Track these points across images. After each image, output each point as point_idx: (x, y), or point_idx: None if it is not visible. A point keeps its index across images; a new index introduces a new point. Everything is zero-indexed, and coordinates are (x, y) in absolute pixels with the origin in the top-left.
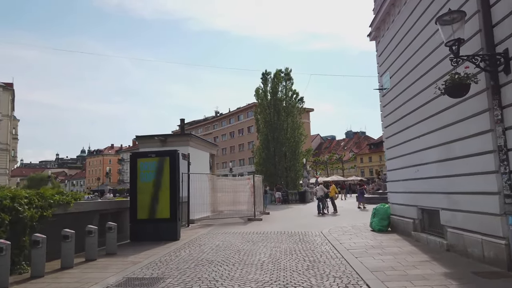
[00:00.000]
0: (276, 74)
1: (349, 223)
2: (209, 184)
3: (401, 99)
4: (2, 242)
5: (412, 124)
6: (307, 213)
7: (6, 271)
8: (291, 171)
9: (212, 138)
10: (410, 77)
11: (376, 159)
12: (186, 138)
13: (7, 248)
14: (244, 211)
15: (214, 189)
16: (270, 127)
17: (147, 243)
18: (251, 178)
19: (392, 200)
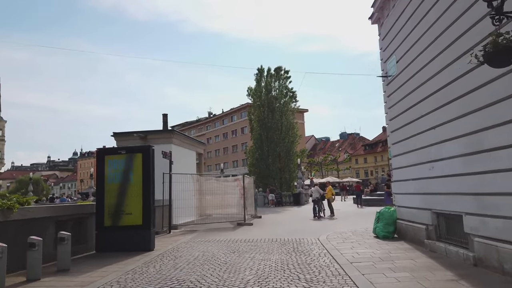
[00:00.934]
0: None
1: (349, 228)
2: (196, 186)
3: (411, 84)
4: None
5: (425, 113)
6: (302, 217)
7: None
8: (285, 172)
9: (205, 139)
10: (423, 57)
11: (371, 160)
12: (169, 134)
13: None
14: (234, 214)
15: (201, 191)
16: (264, 126)
17: (114, 255)
18: (240, 179)
19: (399, 202)
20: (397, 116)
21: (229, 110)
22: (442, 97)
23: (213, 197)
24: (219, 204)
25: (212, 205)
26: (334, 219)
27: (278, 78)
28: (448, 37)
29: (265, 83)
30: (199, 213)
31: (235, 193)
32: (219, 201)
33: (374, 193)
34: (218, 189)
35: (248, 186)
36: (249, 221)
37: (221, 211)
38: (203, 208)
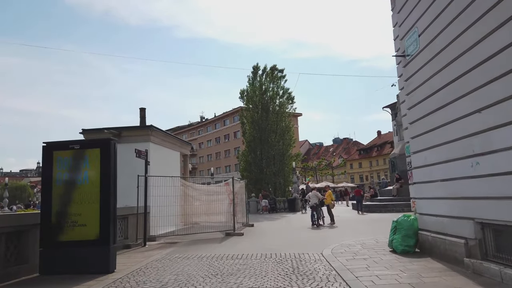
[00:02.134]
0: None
1: (355, 239)
2: (180, 191)
3: (441, 60)
4: None
5: (464, 94)
6: (299, 225)
7: None
8: (279, 176)
9: (197, 144)
10: (458, 23)
11: (366, 165)
12: (146, 131)
13: None
14: (222, 223)
15: (186, 196)
16: (258, 128)
17: (61, 280)
18: (230, 183)
19: (422, 209)
20: (419, 102)
21: (222, 114)
22: (492, 69)
23: (200, 203)
24: (206, 212)
25: (199, 212)
26: (335, 228)
27: (272, 78)
28: None
29: (259, 82)
30: (184, 221)
31: (223, 199)
32: (205, 208)
33: (375, 198)
34: (205, 195)
35: (239, 191)
36: (239, 230)
37: (209, 219)
38: (188, 216)
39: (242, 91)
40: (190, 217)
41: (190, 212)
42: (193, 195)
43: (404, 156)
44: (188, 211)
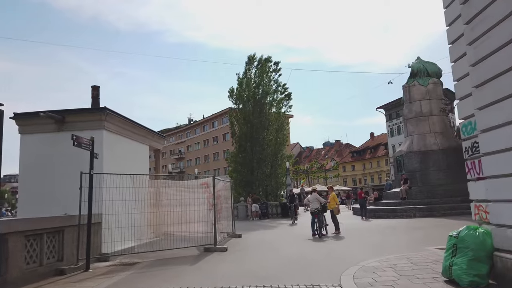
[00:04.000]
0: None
1: (378, 258)
2: (151, 193)
3: None
4: None
5: None
6: (296, 234)
7: None
8: (271, 178)
9: (185, 147)
10: None
11: (360, 167)
12: (98, 115)
13: None
14: (200, 234)
15: (158, 200)
16: (249, 124)
17: None
18: (209, 183)
19: (502, 218)
20: (496, 50)
21: (210, 116)
22: None
23: (172, 209)
24: (180, 220)
25: (172, 220)
26: (342, 239)
27: (265, 70)
28: None
29: (253, 74)
30: (155, 232)
31: (202, 203)
32: (178, 216)
33: (379, 202)
34: (178, 198)
35: (223, 194)
36: (223, 244)
37: (186, 229)
38: (160, 225)
39: (231, 89)
40: (163, 226)
41: (163, 220)
42: (166, 199)
43: (413, 154)
44: (161, 220)
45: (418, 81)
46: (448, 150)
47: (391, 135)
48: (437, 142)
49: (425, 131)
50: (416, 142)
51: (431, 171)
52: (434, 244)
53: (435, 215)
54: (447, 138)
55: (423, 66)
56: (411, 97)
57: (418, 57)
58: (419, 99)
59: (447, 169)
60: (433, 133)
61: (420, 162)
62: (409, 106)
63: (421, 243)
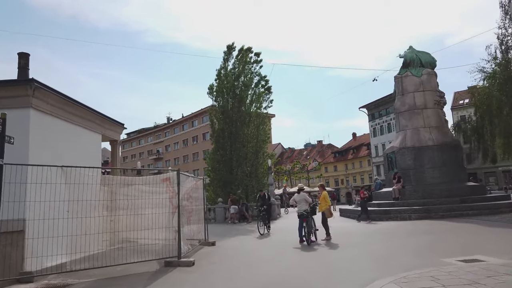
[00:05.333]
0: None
1: (394, 277)
2: (104, 192)
3: None
4: None
5: None
6: (280, 241)
7: None
8: (252, 178)
9: (163, 147)
10: None
11: (342, 168)
12: (24, 90)
13: None
14: (162, 242)
15: (113, 201)
16: (229, 119)
17: None
18: (171, 180)
19: None
20: None
21: (190, 115)
22: None
23: (129, 212)
24: (137, 226)
25: (128, 227)
26: (336, 247)
27: (246, 61)
28: None
29: (232, 65)
30: (108, 240)
31: (163, 204)
32: (134, 220)
33: (370, 203)
34: (135, 198)
35: (194, 194)
36: (190, 255)
37: (144, 237)
38: (114, 233)
39: (211, 85)
40: (119, 234)
41: (118, 226)
42: (124, 199)
43: (406, 151)
44: (116, 226)
45: (411, 71)
46: (444, 146)
47: (373, 135)
48: (432, 137)
49: (419, 125)
50: (410, 137)
51: (426, 168)
52: (450, 254)
53: (433, 217)
54: (443, 133)
55: (416, 56)
56: (403, 89)
57: (411, 46)
58: (412, 90)
59: (443, 167)
60: (428, 128)
61: (414, 159)
62: (402, 99)
63: (434, 253)
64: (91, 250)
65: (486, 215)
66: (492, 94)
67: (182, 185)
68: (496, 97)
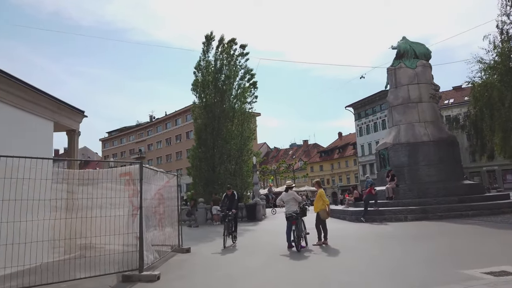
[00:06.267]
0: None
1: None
2: (57, 190)
3: None
4: None
5: None
6: (267, 245)
7: None
8: (236, 177)
9: (146, 146)
10: None
11: (328, 167)
12: None
13: None
14: (119, 253)
15: (71, 200)
16: (211, 114)
17: None
18: (133, 173)
19: None
20: None
21: (173, 113)
22: None
23: (83, 214)
24: (90, 230)
25: (80, 232)
26: (332, 254)
27: (230, 53)
28: None
29: (214, 57)
30: (66, 247)
31: (120, 204)
32: (85, 224)
33: (361, 203)
34: (88, 197)
35: (166, 193)
36: (157, 266)
37: (102, 244)
38: (64, 241)
39: (195, 81)
40: (73, 240)
41: (72, 231)
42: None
43: (400, 147)
44: (69, 230)
45: (405, 63)
46: (440, 142)
47: (360, 134)
48: (428, 132)
49: (413, 120)
50: (404, 133)
51: (421, 166)
52: (469, 264)
53: (431, 217)
54: (439, 128)
55: (410, 47)
56: (397, 81)
57: (404, 36)
58: (406, 83)
59: (439, 164)
60: (423, 123)
61: (409, 155)
62: (395, 92)
63: (449, 263)
64: (31, 263)
65: (487, 216)
66: (493, 85)
67: (150, 182)
68: (497, 88)
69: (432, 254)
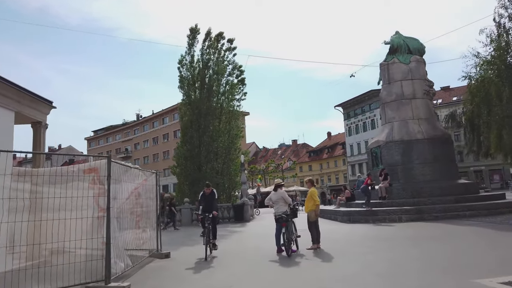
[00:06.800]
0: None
1: None
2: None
3: None
4: None
5: None
6: (255, 251)
7: None
8: (224, 176)
9: (132, 145)
10: None
11: (317, 167)
12: None
13: None
14: (84, 260)
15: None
16: (197, 111)
17: None
18: (99, 170)
19: None
20: None
21: (160, 111)
22: None
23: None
24: (51, 234)
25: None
26: (327, 259)
27: (217, 48)
28: None
29: (201, 51)
30: (19, 254)
31: (86, 206)
32: (45, 227)
33: (353, 203)
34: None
35: (144, 192)
36: (127, 276)
37: (64, 249)
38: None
39: (180, 77)
40: (38, 246)
41: (38, 235)
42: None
43: (394, 145)
44: (35, 234)
45: (398, 58)
46: (435, 140)
47: (349, 134)
48: (422, 130)
49: (407, 116)
50: (397, 130)
51: (415, 164)
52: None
53: (426, 218)
54: (433, 125)
55: (403, 42)
56: (390, 77)
57: (397, 31)
58: (400, 79)
59: (434, 162)
60: (417, 119)
61: (402, 153)
62: (388, 88)
63: (458, 271)
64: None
65: (485, 216)
66: (491, 81)
67: (122, 180)
68: (495, 84)
69: (437, 260)
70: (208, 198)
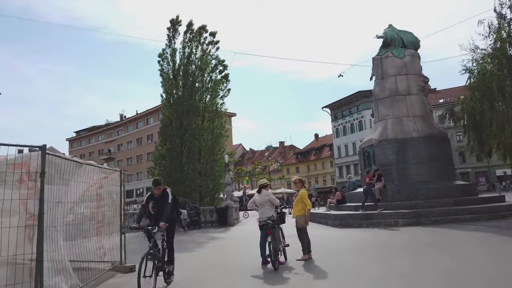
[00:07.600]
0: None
1: None
2: None
3: None
4: None
5: None
6: (237, 263)
7: None
8: (207, 177)
9: (115, 146)
10: None
11: (304, 169)
12: None
13: None
14: (10, 283)
15: None
16: (179, 108)
17: None
18: (30, 165)
19: None
20: None
21: (144, 111)
22: None
23: None
24: None
25: None
26: (317, 274)
27: (199, 41)
28: None
29: (182, 44)
30: None
31: (11, 210)
32: None
33: (344, 206)
34: None
35: (105, 192)
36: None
37: None
38: None
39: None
40: None
41: None
42: None
43: (388, 143)
44: None
45: (392, 51)
46: (431, 139)
47: (336, 135)
48: (417, 128)
49: (402, 114)
50: (391, 128)
51: (410, 164)
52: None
53: (424, 222)
54: (429, 123)
55: (397, 35)
56: (383, 72)
57: (390, 24)
58: (393, 74)
59: (430, 162)
60: (412, 117)
61: (397, 153)
62: (381, 83)
63: None
64: None
65: (487, 220)
66: (493, 74)
67: (69, 178)
68: (497, 77)
69: (453, 275)
70: (158, 202)
